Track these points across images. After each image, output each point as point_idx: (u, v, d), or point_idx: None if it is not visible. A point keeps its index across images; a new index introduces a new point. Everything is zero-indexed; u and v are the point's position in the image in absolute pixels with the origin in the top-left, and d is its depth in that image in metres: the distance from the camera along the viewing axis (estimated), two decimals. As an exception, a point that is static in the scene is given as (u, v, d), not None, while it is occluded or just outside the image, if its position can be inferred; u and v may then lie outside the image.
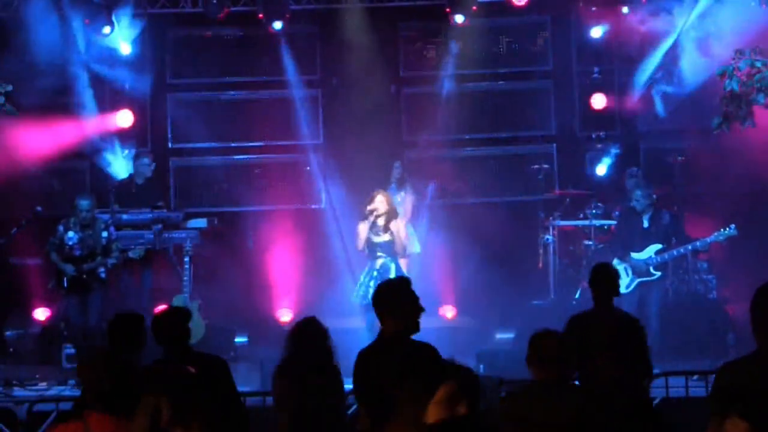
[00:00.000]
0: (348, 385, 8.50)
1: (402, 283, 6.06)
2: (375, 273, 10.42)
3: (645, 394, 7.19)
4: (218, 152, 14.47)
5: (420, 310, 5.85)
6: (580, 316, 7.27)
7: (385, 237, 10.44)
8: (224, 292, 12.86)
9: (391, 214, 10.48)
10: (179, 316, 6.49)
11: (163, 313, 6.87)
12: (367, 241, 10.44)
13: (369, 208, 10.39)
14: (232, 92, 14.48)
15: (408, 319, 5.82)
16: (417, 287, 10.99)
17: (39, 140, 14.17)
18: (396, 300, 5.86)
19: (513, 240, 13.04)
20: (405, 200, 12.64)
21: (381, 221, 10.40)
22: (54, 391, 10.19)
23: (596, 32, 13.50)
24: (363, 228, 10.47)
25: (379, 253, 10.49)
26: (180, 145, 14.49)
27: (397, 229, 10.48)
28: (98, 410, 4.46)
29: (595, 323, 7.11)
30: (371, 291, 10.42)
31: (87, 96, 14.18)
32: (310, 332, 6.65)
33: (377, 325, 6.05)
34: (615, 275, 7.50)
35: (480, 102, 14.30)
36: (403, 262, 11.28)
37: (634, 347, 7.01)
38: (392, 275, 10.43)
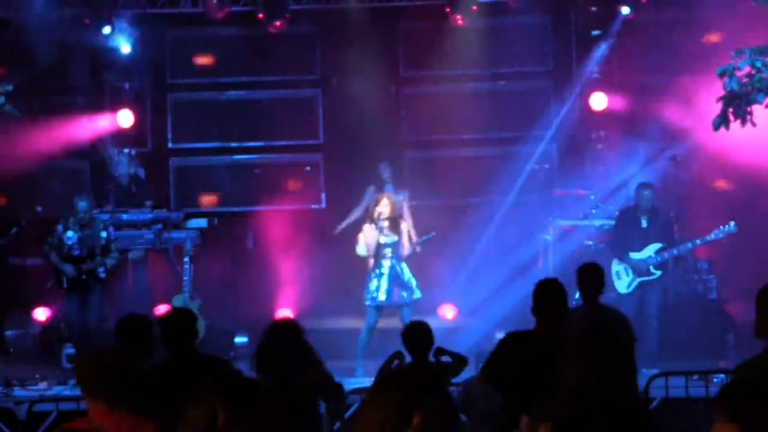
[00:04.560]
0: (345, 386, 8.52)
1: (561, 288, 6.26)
2: (384, 273, 10.48)
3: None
4: (218, 152, 14.47)
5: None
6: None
7: (393, 238, 10.52)
8: (224, 292, 12.87)
9: (396, 215, 10.57)
10: (187, 316, 6.49)
11: (172, 313, 6.88)
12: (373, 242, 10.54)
13: (377, 211, 10.45)
14: (232, 92, 14.49)
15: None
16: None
17: (39, 140, 14.19)
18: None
19: (513, 240, 13.03)
20: (402, 201, 12.63)
21: (387, 223, 10.47)
22: (54, 391, 10.18)
23: (596, 32, 13.49)
24: (370, 231, 10.53)
25: (388, 254, 10.53)
26: (180, 145, 14.50)
27: (403, 230, 10.58)
28: (106, 405, 4.45)
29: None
30: (381, 292, 10.52)
31: (87, 96, 14.20)
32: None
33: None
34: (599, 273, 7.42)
35: (480, 102, 14.29)
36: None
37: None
38: (404, 275, 10.51)
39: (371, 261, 10.92)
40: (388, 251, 10.53)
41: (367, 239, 10.58)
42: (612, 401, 4.30)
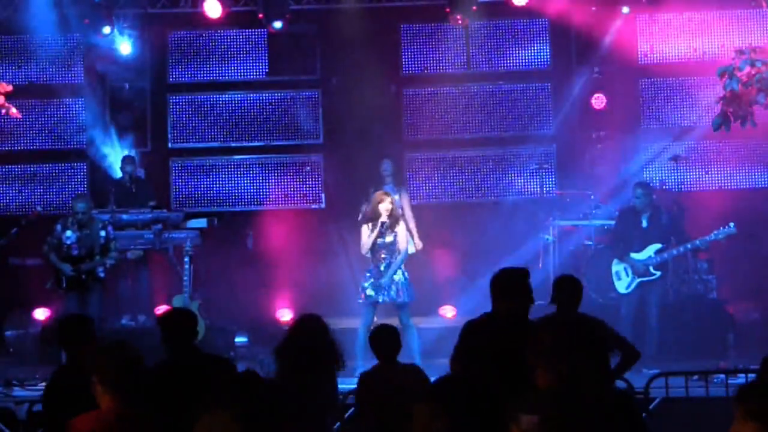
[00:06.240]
0: (345, 385, 8.55)
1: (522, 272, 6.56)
2: (381, 273, 10.47)
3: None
4: (218, 152, 14.47)
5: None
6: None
7: (389, 238, 10.52)
8: (224, 292, 12.86)
9: (395, 215, 10.56)
10: (187, 316, 6.48)
11: (172, 313, 6.87)
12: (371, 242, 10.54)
13: (380, 209, 10.43)
14: (232, 92, 14.48)
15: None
16: (417, 287, 11.11)
17: (39, 140, 14.20)
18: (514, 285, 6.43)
19: (513, 240, 13.03)
20: (402, 200, 12.62)
21: (388, 223, 10.47)
22: (54, 391, 10.16)
23: (596, 32, 13.48)
24: (367, 232, 10.53)
25: (383, 254, 10.53)
26: (180, 145, 14.49)
27: (399, 229, 10.58)
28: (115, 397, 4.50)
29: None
30: (374, 291, 10.52)
31: (87, 96, 14.20)
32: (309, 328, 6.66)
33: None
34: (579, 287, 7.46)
35: (480, 102, 14.30)
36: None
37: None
38: (399, 275, 10.50)
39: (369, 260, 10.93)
40: (383, 251, 10.53)
41: (363, 238, 10.58)
42: (595, 398, 4.32)
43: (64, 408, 5.68)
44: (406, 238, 10.89)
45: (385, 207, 10.44)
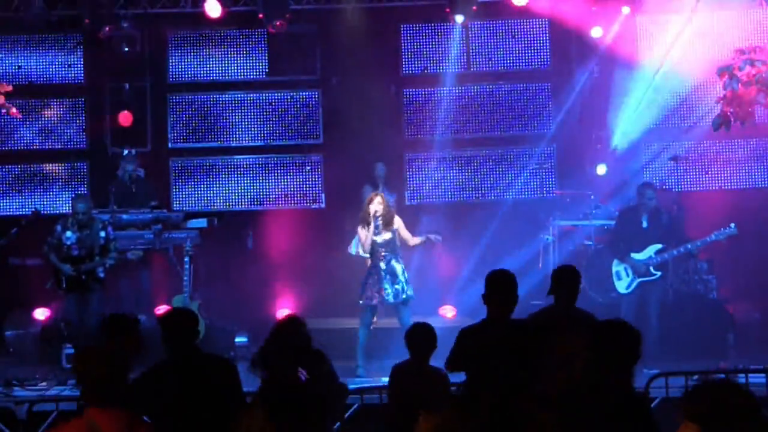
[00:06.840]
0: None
1: (512, 276, 6.77)
2: (383, 273, 10.49)
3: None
4: (218, 152, 14.47)
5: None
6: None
7: (387, 236, 10.55)
8: (224, 292, 12.86)
9: (389, 213, 10.60)
10: (187, 316, 6.48)
11: (172, 313, 6.88)
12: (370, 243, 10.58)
13: (369, 212, 10.47)
14: (232, 92, 14.48)
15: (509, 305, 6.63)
16: (417, 287, 11.11)
17: (39, 140, 14.20)
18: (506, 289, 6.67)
19: (513, 240, 13.03)
20: (393, 203, 12.63)
21: (381, 221, 10.51)
22: (54, 391, 10.18)
23: (596, 32, 13.49)
24: (364, 233, 10.56)
25: (382, 253, 10.55)
26: (180, 145, 14.49)
27: (397, 227, 10.64)
28: (98, 405, 4.44)
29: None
30: (373, 292, 10.53)
31: (87, 96, 14.20)
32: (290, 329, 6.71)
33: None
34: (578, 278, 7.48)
35: (480, 102, 14.31)
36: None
37: None
38: (397, 273, 10.52)
39: (369, 261, 10.95)
40: (382, 250, 10.56)
41: (361, 241, 10.63)
42: (610, 396, 4.33)
43: None
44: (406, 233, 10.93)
45: (374, 207, 10.51)
